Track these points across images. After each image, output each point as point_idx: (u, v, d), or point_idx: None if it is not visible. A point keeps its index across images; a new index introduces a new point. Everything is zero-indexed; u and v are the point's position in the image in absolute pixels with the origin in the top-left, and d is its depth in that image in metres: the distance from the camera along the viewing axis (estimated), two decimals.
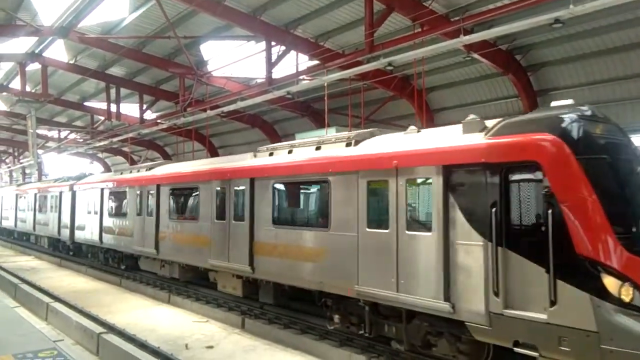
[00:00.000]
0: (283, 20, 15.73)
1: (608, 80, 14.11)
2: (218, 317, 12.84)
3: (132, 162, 37.00)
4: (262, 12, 15.27)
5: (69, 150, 34.14)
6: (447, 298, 7.49)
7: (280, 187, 11.43)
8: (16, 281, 16.50)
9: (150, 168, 17.58)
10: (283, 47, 16.35)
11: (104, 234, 19.67)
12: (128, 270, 18.64)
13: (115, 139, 27.11)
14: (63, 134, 35.63)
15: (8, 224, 35.91)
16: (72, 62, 22.34)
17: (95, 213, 20.36)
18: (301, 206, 11.72)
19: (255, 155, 12.46)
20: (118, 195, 18.99)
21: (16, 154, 46.41)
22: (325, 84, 13.74)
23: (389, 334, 8.92)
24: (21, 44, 20.89)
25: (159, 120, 23.85)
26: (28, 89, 23.67)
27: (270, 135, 25.49)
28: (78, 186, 23.09)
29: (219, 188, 13.05)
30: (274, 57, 16.36)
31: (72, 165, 46.15)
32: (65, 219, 23.91)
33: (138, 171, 18.40)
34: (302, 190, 11.38)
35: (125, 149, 35.03)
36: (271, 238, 11.17)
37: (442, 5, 13.15)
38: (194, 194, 14.45)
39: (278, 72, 16.56)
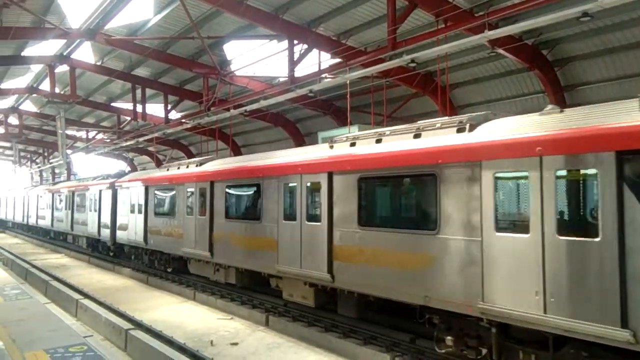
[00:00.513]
0: (305, 18, 15.74)
1: (639, 74, 13.71)
2: (242, 314, 12.95)
3: (158, 162, 37.61)
4: (285, 11, 15.31)
5: (97, 150, 34.85)
6: (624, 323, 5.84)
7: (368, 181, 9.64)
8: (47, 278, 16.95)
9: (201, 163, 16.22)
10: (305, 46, 16.37)
11: (149, 235, 18.43)
12: (175, 274, 17.48)
13: (141, 139, 27.58)
14: (91, 134, 36.43)
15: (44, 223, 34.68)
16: (99, 63, 22.81)
17: (140, 212, 19.10)
18: (397, 204, 9.75)
19: (331, 146, 10.84)
20: (165, 194, 17.66)
21: (46, 154, 47.63)
22: (348, 82, 13.73)
23: None
24: (50, 47, 21.43)
25: (183, 120, 24.16)
26: (57, 90, 24.23)
27: (293, 134, 25.58)
28: (120, 184, 21.72)
29: (287, 184, 11.53)
30: (296, 56, 16.39)
31: (100, 165, 47.09)
32: (106, 219, 22.74)
33: (187, 167, 17.00)
34: (396, 186, 9.46)
35: (151, 148, 35.61)
36: (356, 242, 9.58)
37: (466, 0, 12.98)
38: (255, 192, 12.89)
39: (300, 71, 16.60)
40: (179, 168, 17.54)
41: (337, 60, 16.12)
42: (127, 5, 16.49)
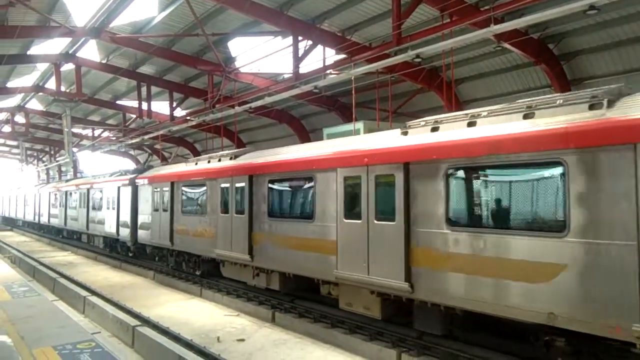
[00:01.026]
0: (309, 14, 15.70)
1: None
2: (249, 311, 12.99)
3: (164, 159, 37.70)
4: (289, 7, 15.28)
5: (103, 148, 35.00)
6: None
7: (462, 172, 8.06)
8: (55, 275, 17.06)
9: (236, 156, 14.75)
10: (310, 42, 16.34)
11: (175, 235, 16.90)
12: (205, 277, 16.20)
13: (146, 137, 27.67)
14: (97, 132, 36.58)
15: (57, 222, 32.99)
16: (104, 61, 22.87)
17: (165, 210, 17.52)
18: (504, 200, 7.73)
19: (405, 132, 9.32)
20: (194, 190, 16.13)
21: (52, 152, 47.88)
22: (353, 78, 13.69)
23: None
24: (56, 45, 21.51)
25: (188, 117, 24.21)
26: (63, 89, 24.32)
27: (298, 130, 25.57)
28: (141, 180, 20.02)
29: (349, 177, 9.96)
30: (300, 52, 16.36)
31: (105, 163, 47.27)
32: (125, 217, 21.23)
33: (219, 160, 15.30)
34: (493, 177, 7.82)
35: (157, 146, 35.72)
36: (445, 246, 8.02)
37: None
38: (307, 186, 11.24)
39: (305, 67, 16.57)
40: (209, 162, 15.74)
41: (342, 56, 16.08)
42: (132, 3, 16.50)
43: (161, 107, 27.01)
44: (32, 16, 17.57)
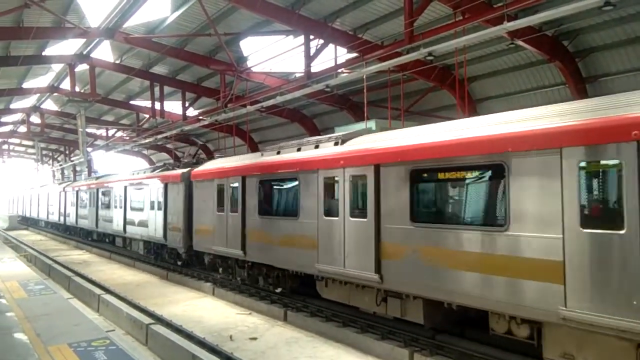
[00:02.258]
0: (321, 13, 15.69)
1: None
2: (261, 310, 13.02)
3: (176, 159, 37.94)
4: (301, 6, 15.28)
5: (116, 147, 35.32)
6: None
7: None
8: (70, 274, 17.27)
9: (343, 141, 10.99)
10: (321, 41, 16.33)
11: (249, 242, 13.52)
12: (289, 296, 13.08)
13: (159, 136, 27.87)
14: (110, 132, 36.94)
15: (86, 223, 29.70)
16: (118, 62, 23.07)
17: (234, 212, 14.21)
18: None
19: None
20: (280, 186, 13.01)
21: (67, 152, 48.46)
22: (364, 77, 13.66)
23: None
24: (70, 46, 21.76)
25: (200, 117, 24.33)
26: (77, 89, 24.60)
27: (310, 130, 25.57)
28: (197, 175, 16.76)
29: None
30: (312, 51, 16.36)
31: (119, 163, 47.70)
32: (175, 219, 18.08)
33: (316, 147, 11.74)
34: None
35: (169, 145, 35.98)
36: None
37: None
38: (492, 180, 7.69)
39: (317, 66, 16.56)
40: (299, 149, 12.32)
41: (354, 54, 16.05)
42: (145, 3, 16.63)
43: (174, 106, 27.19)
44: (47, 17, 17.78)
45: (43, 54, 22.24)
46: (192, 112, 27.09)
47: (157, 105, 25.48)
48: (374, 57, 14.16)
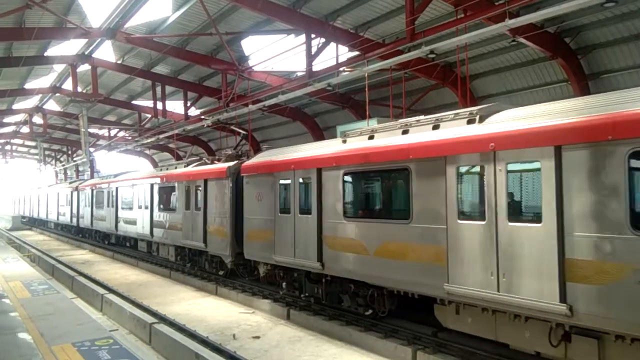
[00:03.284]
0: (322, 12, 15.68)
1: None
2: (264, 309, 13.04)
3: (178, 158, 38.01)
4: (302, 5, 15.28)
5: (119, 147, 35.39)
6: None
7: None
8: (73, 274, 17.32)
9: (483, 117, 8.25)
10: (323, 40, 16.32)
11: (328, 252, 10.78)
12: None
13: (161, 136, 27.91)
14: (112, 132, 37.01)
15: (104, 225, 26.89)
16: (119, 62, 23.11)
17: (306, 213, 11.45)
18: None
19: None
20: (378, 180, 10.30)
21: (70, 152, 48.58)
22: (366, 75, 13.65)
23: None
24: (72, 47, 21.80)
25: (202, 116, 24.35)
26: (79, 89, 24.63)
27: (312, 128, 25.57)
28: (250, 170, 13.75)
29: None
30: (313, 50, 16.36)
31: (122, 163, 47.83)
32: (218, 222, 15.36)
33: (435, 127, 9.01)
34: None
35: (172, 145, 36.03)
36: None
37: None
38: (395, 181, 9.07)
39: (318, 65, 16.56)
40: (405, 132, 9.50)
41: (355, 53, 16.04)
42: (146, 3, 16.65)
43: (176, 106, 27.22)
44: (49, 18, 17.81)
45: (45, 54, 22.27)
46: (193, 111, 27.12)
47: (159, 105, 25.51)
48: (375, 56, 14.15)
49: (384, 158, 9.58)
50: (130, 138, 34.91)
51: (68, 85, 25.98)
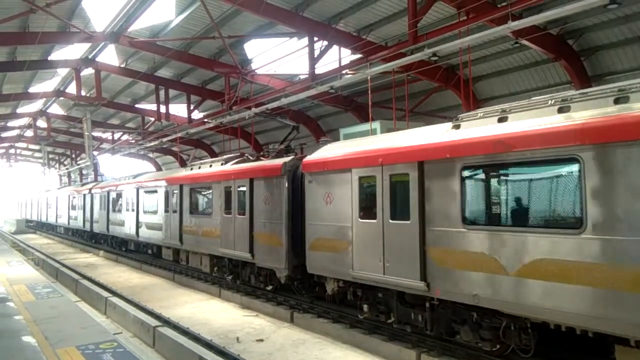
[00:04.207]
0: (325, 15, 15.71)
1: None
2: (267, 311, 13.03)
3: (182, 162, 38.10)
4: (304, 8, 15.31)
5: (122, 151, 35.49)
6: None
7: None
8: (77, 277, 17.36)
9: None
10: (325, 43, 16.35)
11: (437, 267, 8.44)
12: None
13: (165, 139, 27.98)
14: (116, 135, 37.13)
15: (123, 231, 24.35)
16: (123, 65, 23.20)
17: (401, 218, 9.09)
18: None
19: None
20: (519, 177, 7.82)
21: (73, 156, 48.76)
22: (369, 78, 13.66)
23: None
24: (76, 50, 21.90)
25: (205, 120, 24.41)
26: (83, 93, 24.76)
27: (315, 131, 25.60)
28: (316, 166, 11.38)
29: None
30: (316, 53, 16.39)
31: (125, 166, 47.93)
32: (269, 229, 12.96)
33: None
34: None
35: (175, 148, 36.10)
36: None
37: None
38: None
39: (321, 68, 16.59)
40: (562, 109, 7.17)
41: (358, 56, 16.06)
42: (150, 7, 16.73)
43: (179, 109, 27.30)
44: (53, 22, 17.89)
45: (49, 58, 22.38)
46: (197, 114, 27.19)
47: (162, 109, 25.58)
48: (378, 58, 14.17)
49: (540, 143, 6.95)
50: (133, 141, 35.01)
51: (72, 89, 26.09)
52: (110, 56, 22.62)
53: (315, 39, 16.25)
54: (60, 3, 15.69)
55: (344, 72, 15.70)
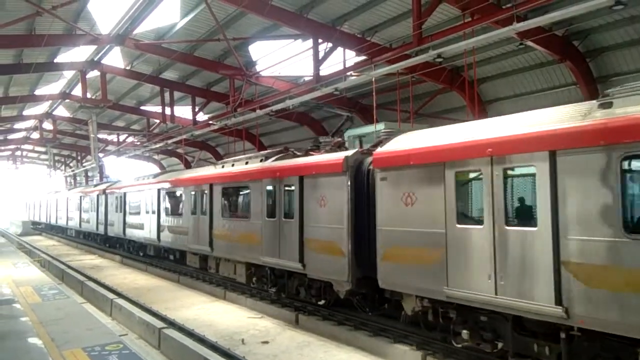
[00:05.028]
0: (329, 17, 15.74)
1: None
2: (272, 313, 13.02)
3: (187, 163, 38.19)
4: (309, 10, 15.35)
5: (127, 153, 35.63)
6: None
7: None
8: (82, 279, 17.41)
9: None
10: (330, 44, 16.38)
11: (590, 291, 6.30)
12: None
13: (170, 141, 28.08)
14: (121, 137, 37.29)
15: (141, 235, 22.25)
16: (128, 68, 23.31)
17: (525, 224, 7.21)
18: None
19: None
20: None
21: (79, 157, 48.98)
22: (373, 79, 13.66)
23: None
24: (81, 53, 22.02)
25: (210, 122, 24.49)
26: (89, 95, 24.88)
27: (319, 133, 25.59)
28: (389, 161, 9.50)
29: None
30: (321, 55, 16.42)
31: (130, 168, 48.06)
32: (324, 234, 10.96)
33: None
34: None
35: (180, 150, 36.22)
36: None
37: None
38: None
39: (325, 70, 16.61)
40: None
41: (362, 57, 16.07)
42: (155, 10, 16.80)
43: (184, 111, 27.39)
44: (59, 25, 18.02)
45: (55, 61, 22.53)
46: (202, 116, 27.28)
47: (168, 111, 25.68)
48: (382, 60, 14.17)
49: None
50: (139, 143, 35.14)
51: (77, 91, 26.23)
52: (115, 58, 22.73)
53: (320, 40, 16.28)
54: (66, 6, 15.79)
55: (348, 73, 15.72)
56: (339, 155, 10.92)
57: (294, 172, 12.06)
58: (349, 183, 10.40)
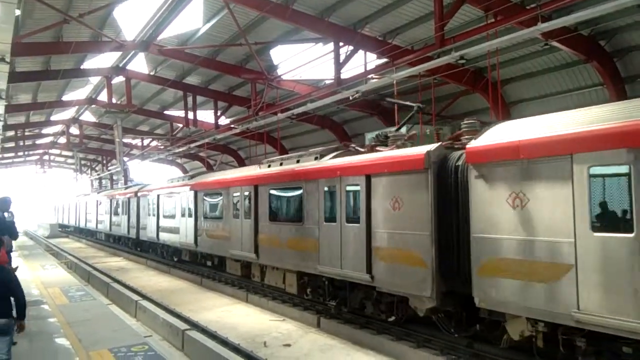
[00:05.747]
0: (350, 20, 15.74)
1: None
2: (294, 316, 13.03)
3: (209, 167, 38.58)
4: (330, 14, 15.38)
5: (151, 156, 36.16)
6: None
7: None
8: (108, 280, 17.71)
9: None
10: (351, 47, 16.38)
11: None
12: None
13: (192, 145, 28.42)
14: (145, 141, 37.89)
15: (177, 239, 20.97)
16: (152, 73, 23.69)
17: None
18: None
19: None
20: None
21: (104, 162, 49.92)
22: (395, 82, 13.61)
23: None
24: (107, 59, 22.47)
25: (232, 125, 24.70)
26: (114, 100, 25.37)
27: (340, 136, 25.61)
28: (488, 155, 7.77)
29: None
30: (342, 58, 16.42)
31: (154, 172, 48.74)
32: (400, 242, 9.43)
33: None
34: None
35: (202, 154, 36.62)
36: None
37: None
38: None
39: (346, 73, 16.60)
40: None
41: (384, 60, 16.02)
42: (178, 16, 17.05)
43: (206, 115, 27.71)
44: (86, 32, 18.42)
45: (81, 67, 23.03)
46: (223, 120, 27.54)
47: (190, 115, 26.00)
48: (404, 62, 14.10)
49: None
50: (162, 147, 35.64)
51: (103, 96, 26.78)
52: (140, 64, 23.13)
53: (341, 44, 16.29)
54: (92, 13, 16.14)
55: (369, 76, 15.68)
56: (418, 150, 9.26)
57: (359, 171, 10.56)
58: (433, 182, 8.85)
